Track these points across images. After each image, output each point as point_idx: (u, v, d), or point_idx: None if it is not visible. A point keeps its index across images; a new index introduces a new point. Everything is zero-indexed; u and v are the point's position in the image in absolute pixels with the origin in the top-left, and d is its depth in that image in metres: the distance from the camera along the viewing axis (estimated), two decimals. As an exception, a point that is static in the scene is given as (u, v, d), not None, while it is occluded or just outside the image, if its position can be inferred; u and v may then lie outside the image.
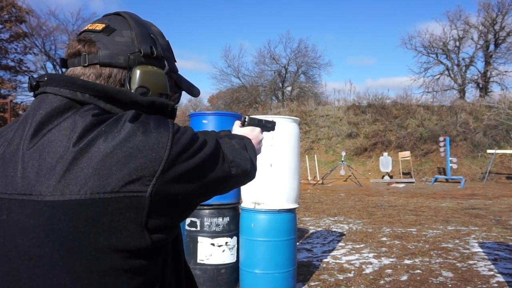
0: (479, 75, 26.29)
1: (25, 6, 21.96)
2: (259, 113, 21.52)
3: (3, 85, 21.17)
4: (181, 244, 0.84)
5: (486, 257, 4.72)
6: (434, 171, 16.09)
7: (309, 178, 15.83)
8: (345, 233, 6.08)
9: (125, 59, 0.75)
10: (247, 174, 0.85)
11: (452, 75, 27.16)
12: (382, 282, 3.84)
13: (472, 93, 26.65)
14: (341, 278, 3.95)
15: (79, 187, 0.60)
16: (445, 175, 14.94)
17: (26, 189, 0.62)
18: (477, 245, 5.31)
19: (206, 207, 3.40)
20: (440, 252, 4.94)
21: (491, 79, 25.97)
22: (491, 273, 4.13)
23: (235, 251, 3.48)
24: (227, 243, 3.44)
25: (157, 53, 0.79)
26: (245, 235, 3.32)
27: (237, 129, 1.08)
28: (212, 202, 3.32)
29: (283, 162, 3.23)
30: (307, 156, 16.99)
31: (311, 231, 6.22)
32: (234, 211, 3.53)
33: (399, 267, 4.33)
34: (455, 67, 27.13)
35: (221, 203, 3.41)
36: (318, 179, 15.33)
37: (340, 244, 5.37)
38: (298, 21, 51.13)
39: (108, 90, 0.71)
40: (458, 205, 9.11)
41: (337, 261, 4.53)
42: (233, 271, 3.46)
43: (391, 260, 4.60)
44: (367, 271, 4.17)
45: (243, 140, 0.92)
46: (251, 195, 3.26)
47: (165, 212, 0.66)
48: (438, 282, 3.85)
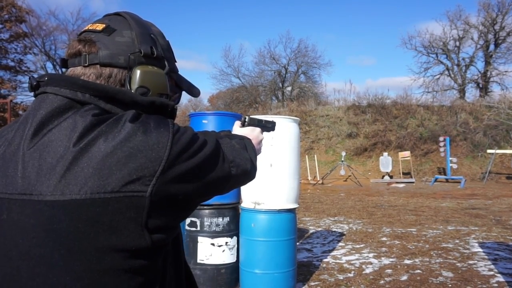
0: (479, 75, 26.31)
1: (25, 6, 22.00)
2: (259, 113, 21.52)
3: (3, 85, 21.18)
4: (181, 244, 0.84)
5: (486, 257, 4.72)
6: (434, 171, 16.09)
7: (309, 178, 15.83)
8: (345, 233, 6.08)
9: (125, 59, 0.75)
10: (247, 174, 0.85)
11: (452, 75, 27.18)
12: (382, 282, 3.84)
13: (472, 93, 26.70)
14: (341, 278, 3.96)
15: (79, 187, 0.60)
16: (445, 175, 14.95)
17: (26, 189, 0.62)
18: (477, 245, 5.31)
19: (206, 207, 3.40)
20: (440, 252, 4.94)
21: (491, 79, 26.00)
22: (491, 273, 4.13)
23: (235, 251, 3.49)
24: (227, 243, 3.44)
25: (157, 53, 0.79)
26: (245, 235, 3.33)
27: (237, 129, 1.08)
28: (212, 202, 3.32)
29: (283, 162, 3.23)
30: (307, 156, 16.99)
31: (311, 231, 6.22)
32: (234, 211, 3.53)
33: (399, 267, 4.33)
34: (455, 67, 27.17)
35: (221, 203, 3.42)
36: (318, 179, 15.33)
37: (340, 244, 5.37)
38: (298, 21, 51.20)
39: (108, 90, 0.71)
40: (458, 205, 9.11)
41: (337, 261, 4.53)
42: (233, 271, 3.46)
43: (391, 260, 4.60)
44: (367, 271, 4.17)
45: (243, 140, 0.92)
46: (251, 195, 3.26)
47: (165, 212, 0.66)
48: (438, 282, 3.85)
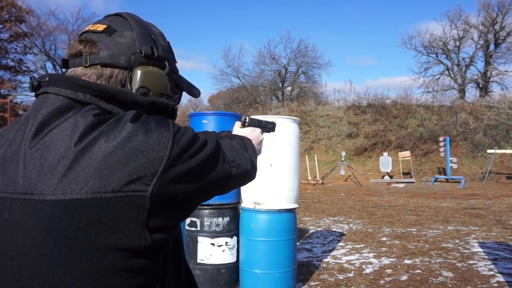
0: (479, 75, 26.30)
1: (25, 6, 22.01)
2: (259, 113, 21.53)
3: (3, 85, 21.19)
4: (182, 244, 0.84)
5: (486, 257, 4.72)
6: (434, 171, 16.09)
7: (309, 178, 15.83)
8: (345, 233, 6.08)
9: (126, 59, 0.76)
10: (247, 174, 0.85)
11: (452, 75, 27.17)
12: (382, 282, 3.84)
13: (472, 93, 26.69)
14: (341, 278, 3.96)
15: (80, 187, 0.60)
16: (445, 175, 14.95)
17: (27, 188, 0.62)
18: (477, 245, 5.31)
19: (206, 207, 3.41)
20: (440, 252, 4.94)
21: (491, 79, 26.00)
22: (491, 273, 4.13)
23: (235, 251, 3.49)
24: (227, 243, 3.44)
25: (158, 54, 0.80)
26: (245, 235, 3.33)
27: (237, 130, 1.08)
28: (212, 202, 3.33)
29: (283, 162, 3.23)
30: (307, 156, 16.99)
31: (311, 231, 6.22)
32: (234, 211, 3.53)
33: (399, 267, 4.33)
34: (455, 67, 27.16)
35: (221, 203, 3.42)
36: (318, 179, 15.33)
37: (340, 244, 5.38)
38: (298, 21, 51.18)
39: (109, 90, 0.72)
40: (458, 205, 9.11)
41: (337, 261, 4.54)
42: (233, 271, 3.47)
43: (391, 260, 4.60)
44: (367, 271, 4.17)
45: (244, 140, 0.92)
46: (251, 195, 3.26)
47: (165, 211, 0.66)
48: (438, 282, 3.85)
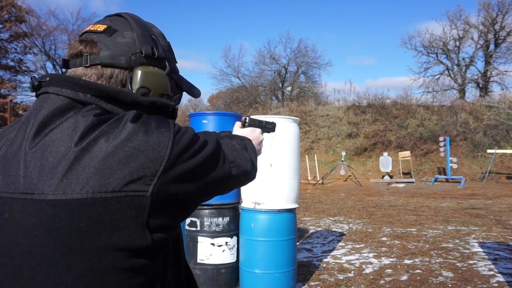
0: (479, 75, 26.30)
1: (25, 6, 22.03)
2: (259, 113, 21.52)
3: (3, 85, 21.20)
4: (182, 244, 0.84)
5: (486, 257, 4.72)
6: (434, 171, 16.09)
7: (309, 178, 15.83)
8: (345, 233, 6.08)
9: (126, 59, 0.76)
10: (247, 174, 0.85)
11: (452, 75, 27.17)
12: (382, 282, 3.85)
13: (472, 93, 26.69)
14: (341, 278, 3.96)
15: (81, 186, 0.60)
16: (445, 175, 14.95)
17: (28, 188, 0.62)
18: (477, 245, 5.31)
19: (206, 207, 3.41)
20: (440, 252, 4.94)
21: (491, 79, 25.99)
22: (491, 273, 4.13)
23: (235, 251, 3.49)
24: (227, 243, 3.44)
25: (158, 54, 0.80)
26: (245, 235, 3.33)
27: (237, 130, 1.08)
28: (212, 202, 3.33)
29: (283, 162, 3.23)
30: (307, 156, 16.99)
31: (311, 231, 6.22)
32: (234, 211, 3.54)
33: (399, 267, 4.33)
34: (455, 67, 27.16)
35: (221, 203, 3.42)
36: (318, 179, 15.33)
37: (340, 244, 5.38)
38: (298, 21, 51.17)
39: (109, 90, 0.72)
40: (458, 205, 9.11)
41: (337, 261, 4.54)
42: (233, 271, 3.47)
43: (391, 260, 4.60)
44: (367, 271, 4.18)
45: (244, 140, 0.92)
46: (251, 195, 3.26)
47: (166, 211, 0.66)
48: (438, 282, 3.85)
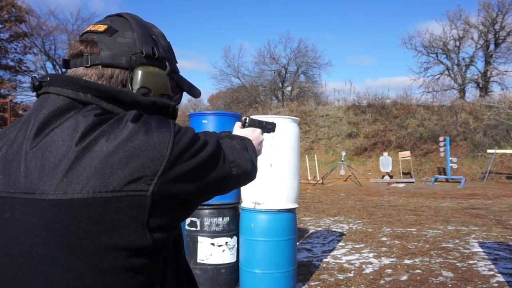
0: (479, 75, 26.29)
1: (25, 6, 22.03)
2: (259, 113, 21.52)
3: (3, 85, 21.20)
4: (182, 244, 0.84)
5: (486, 257, 4.72)
6: (434, 171, 16.09)
7: (309, 178, 15.83)
8: (345, 233, 6.08)
9: (127, 59, 0.76)
10: (247, 174, 0.85)
11: (452, 75, 27.17)
12: (382, 282, 3.85)
13: (472, 93, 26.68)
14: (341, 278, 3.96)
15: (81, 186, 0.60)
16: (445, 175, 14.95)
17: (29, 187, 0.62)
18: (477, 245, 5.31)
19: (206, 207, 3.41)
20: (440, 252, 4.94)
21: (491, 79, 25.99)
22: (491, 273, 4.13)
23: (235, 251, 3.49)
24: (227, 243, 3.44)
25: (158, 54, 0.80)
26: (245, 235, 3.33)
27: (237, 130, 1.08)
28: (212, 202, 3.33)
29: (283, 162, 3.23)
30: (307, 156, 16.99)
31: (311, 231, 6.22)
32: (234, 211, 3.54)
33: (399, 267, 4.33)
34: (455, 67, 27.15)
35: (221, 203, 3.42)
36: (318, 179, 15.33)
37: (340, 244, 5.38)
38: (298, 21, 51.14)
39: (110, 90, 0.72)
40: (458, 205, 9.11)
41: (337, 261, 4.54)
42: (233, 271, 3.47)
43: (391, 260, 4.60)
44: (367, 271, 4.18)
45: (244, 141, 0.92)
46: (251, 195, 3.26)
47: (166, 211, 0.67)
48: (438, 282, 3.85)
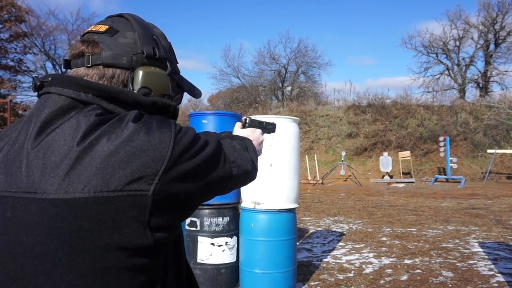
0: (479, 75, 26.29)
1: (25, 5, 22.01)
2: (259, 113, 21.53)
3: (3, 85, 21.20)
4: (183, 244, 0.85)
5: (486, 257, 4.73)
6: (434, 171, 16.10)
7: (309, 178, 15.83)
8: (345, 233, 6.09)
9: (128, 60, 0.76)
10: (248, 174, 0.85)
11: (452, 75, 27.17)
12: (382, 282, 3.85)
13: (472, 93, 26.69)
14: (341, 278, 3.96)
15: (83, 186, 0.61)
16: (445, 175, 14.95)
17: (30, 187, 0.62)
18: (477, 245, 5.32)
19: (206, 207, 3.41)
20: (440, 252, 4.94)
21: (491, 79, 25.98)
22: (491, 273, 4.14)
23: (235, 251, 3.49)
24: (227, 242, 3.45)
25: (159, 55, 0.80)
26: (245, 235, 3.33)
27: (238, 131, 1.08)
28: (212, 202, 3.33)
29: (283, 162, 3.23)
30: (307, 156, 16.99)
31: (311, 231, 6.23)
32: (234, 211, 3.54)
33: (399, 267, 4.33)
34: (455, 66, 27.16)
35: (221, 203, 3.42)
36: (318, 179, 15.33)
37: (340, 244, 5.38)
38: (298, 21, 51.16)
39: (111, 90, 0.72)
40: (458, 205, 9.11)
41: (337, 261, 4.54)
42: (233, 271, 3.47)
43: (391, 260, 4.61)
44: (367, 271, 4.18)
45: (244, 141, 0.93)
46: (251, 195, 3.26)
47: (167, 211, 0.67)
48: (438, 282, 3.85)
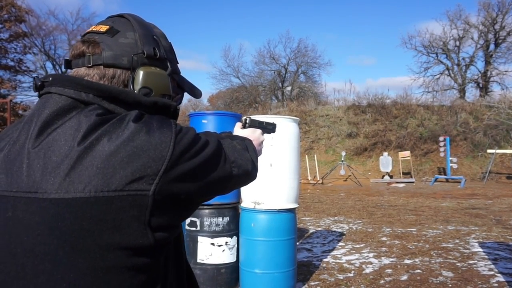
0: (479, 75, 26.29)
1: (25, 5, 21.99)
2: (259, 113, 21.53)
3: (2, 85, 21.19)
4: (183, 244, 0.85)
5: (486, 256, 4.73)
6: (434, 171, 16.10)
7: (309, 178, 15.83)
8: (345, 233, 6.09)
9: (128, 60, 0.76)
10: (248, 174, 0.86)
11: (452, 75, 27.17)
12: (382, 282, 3.85)
13: (472, 93, 26.69)
14: (341, 278, 3.96)
15: (83, 185, 0.61)
16: (445, 175, 14.95)
17: (31, 186, 0.63)
18: (477, 245, 5.32)
19: (206, 207, 3.41)
20: (440, 252, 4.95)
21: (491, 79, 25.99)
22: (491, 272, 4.14)
23: (235, 251, 3.49)
24: (227, 242, 3.45)
25: (160, 55, 0.80)
26: (245, 235, 3.33)
27: (238, 131, 1.09)
28: (212, 202, 3.33)
29: (283, 162, 3.23)
30: (307, 156, 16.99)
31: (311, 231, 6.23)
32: (234, 211, 3.54)
33: (399, 267, 4.33)
34: (455, 66, 27.16)
35: (221, 202, 3.42)
36: (318, 179, 15.33)
37: (340, 244, 5.38)
38: (298, 21, 51.12)
39: (111, 90, 0.72)
40: (458, 205, 9.11)
41: (337, 261, 4.54)
42: (233, 271, 3.47)
43: (391, 260, 4.61)
44: (367, 271, 4.18)
45: (244, 141, 0.93)
46: (251, 195, 3.26)
47: (167, 211, 0.67)
48: (438, 282, 3.85)
